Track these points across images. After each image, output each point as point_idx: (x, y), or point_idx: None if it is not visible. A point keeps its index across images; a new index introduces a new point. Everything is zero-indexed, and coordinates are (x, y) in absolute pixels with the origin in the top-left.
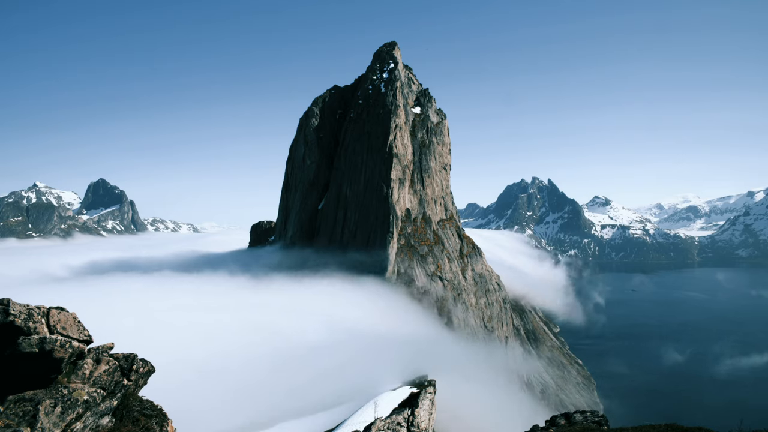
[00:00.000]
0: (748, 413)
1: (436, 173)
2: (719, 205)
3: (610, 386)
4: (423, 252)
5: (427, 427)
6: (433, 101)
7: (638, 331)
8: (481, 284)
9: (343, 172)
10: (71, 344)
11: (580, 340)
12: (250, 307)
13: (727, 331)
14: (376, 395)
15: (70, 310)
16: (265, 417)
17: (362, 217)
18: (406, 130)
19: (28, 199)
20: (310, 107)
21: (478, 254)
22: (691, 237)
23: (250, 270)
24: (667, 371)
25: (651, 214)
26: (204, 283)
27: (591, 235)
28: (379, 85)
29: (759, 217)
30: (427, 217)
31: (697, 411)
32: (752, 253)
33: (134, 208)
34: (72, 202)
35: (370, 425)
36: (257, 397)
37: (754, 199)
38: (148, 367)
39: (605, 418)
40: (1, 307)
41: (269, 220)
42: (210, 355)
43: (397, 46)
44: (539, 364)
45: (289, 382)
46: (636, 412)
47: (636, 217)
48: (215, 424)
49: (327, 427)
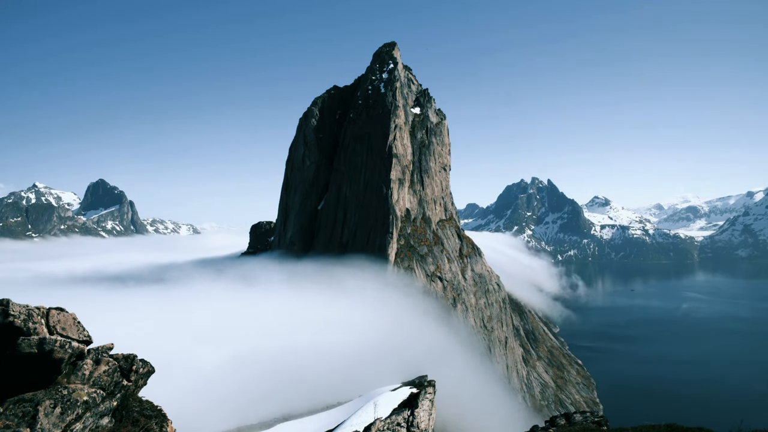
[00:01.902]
0: (748, 413)
1: (435, 173)
2: (719, 206)
3: (610, 386)
4: (423, 252)
5: (427, 427)
6: (433, 101)
7: (638, 331)
8: (481, 284)
9: (342, 172)
10: (71, 345)
11: (579, 341)
12: (250, 308)
13: (728, 331)
14: (376, 395)
15: (69, 311)
16: (264, 417)
17: (362, 217)
18: (405, 130)
19: (28, 199)
20: (310, 108)
21: (477, 254)
22: (691, 237)
23: (249, 271)
24: (667, 371)
25: (651, 215)
26: (203, 283)
27: (591, 235)
28: (379, 86)
29: (758, 218)
30: (426, 218)
31: (697, 411)
32: (752, 253)
33: (134, 209)
34: (71, 203)
35: (369, 425)
36: (257, 397)
37: (753, 200)
38: (147, 368)
39: (605, 418)
40: (1, 307)
41: (269, 221)
42: (210, 356)
43: (397, 47)
44: (539, 364)
45: (289, 382)
46: (636, 412)
47: (636, 218)
48: (215, 424)
49: (327, 427)
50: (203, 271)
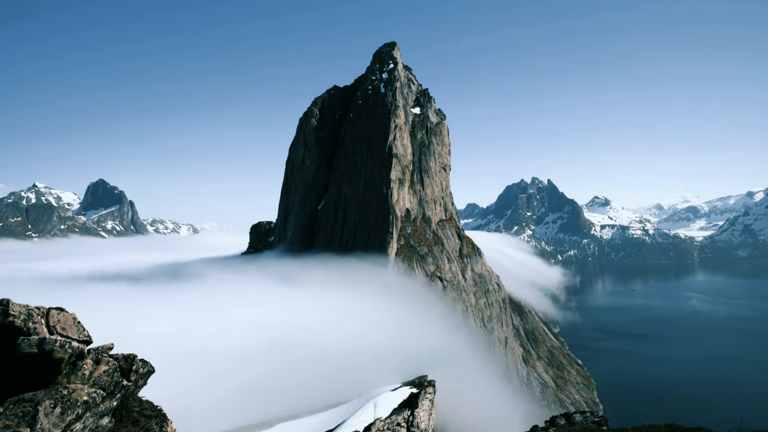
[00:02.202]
0: (748, 413)
1: (435, 173)
2: (719, 206)
3: (610, 386)
4: (423, 252)
5: (427, 427)
6: (433, 101)
7: (638, 331)
8: (481, 284)
9: (342, 172)
10: (71, 345)
11: (579, 341)
12: (250, 308)
13: (728, 331)
14: (376, 395)
15: (69, 311)
16: (265, 417)
17: (362, 217)
18: (405, 130)
19: (28, 199)
20: (310, 107)
21: (477, 254)
22: (691, 237)
23: (248, 271)
24: (667, 371)
25: (651, 215)
26: (203, 284)
27: (591, 235)
28: (379, 86)
29: (758, 218)
30: (426, 218)
31: (697, 411)
32: (752, 254)
33: (134, 209)
34: (71, 203)
35: (370, 425)
36: (257, 397)
37: (753, 200)
38: (147, 368)
39: (605, 418)
40: (1, 307)
41: (269, 221)
42: (210, 356)
43: (397, 47)
44: (539, 364)
45: (289, 382)
46: (636, 412)
47: (636, 218)
48: (215, 424)
49: (327, 427)
50: (205, 270)
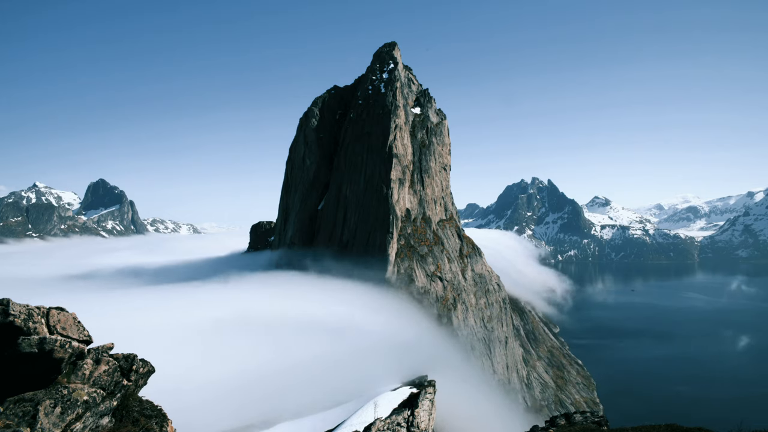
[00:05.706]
0: (748, 413)
1: (435, 173)
2: (719, 206)
3: (610, 386)
4: (423, 252)
5: (427, 427)
6: (433, 101)
7: (638, 331)
8: (481, 284)
9: (342, 172)
10: (71, 344)
11: (579, 341)
12: (250, 308)
13: (728, 331)
14: (376, 395)
15: (69, 311)
16: (264, 417)
17: (362, 217)
18: (405, 130)
19: (28, 199)
20: (310, 107)
21: (477, 254)
22: (691, 237)
23: (248, 271)
24: (667, 371)
25: (651, 215)
26: (203, 285)
27: (591, 235)
28: (379, 86)
29: (759, 218)
30: (427, 218)
31: (697, 411)
32: (752, 254)
33: (134, 209)
34: (72, 203)
35: (370, 425)
36: (257, 397)
37: (753, 200)
38: (147, 368)
39: (605, 418)
40: (1, 307)
41: (269, 221)
42: (210, 356)
43: (397, 47)
44: (539, 364)
45: (289, 382)
46: (636, 412)
47: (636, 218)
48: (215, 424)
49: (327, 427)
50: (205, 270)
